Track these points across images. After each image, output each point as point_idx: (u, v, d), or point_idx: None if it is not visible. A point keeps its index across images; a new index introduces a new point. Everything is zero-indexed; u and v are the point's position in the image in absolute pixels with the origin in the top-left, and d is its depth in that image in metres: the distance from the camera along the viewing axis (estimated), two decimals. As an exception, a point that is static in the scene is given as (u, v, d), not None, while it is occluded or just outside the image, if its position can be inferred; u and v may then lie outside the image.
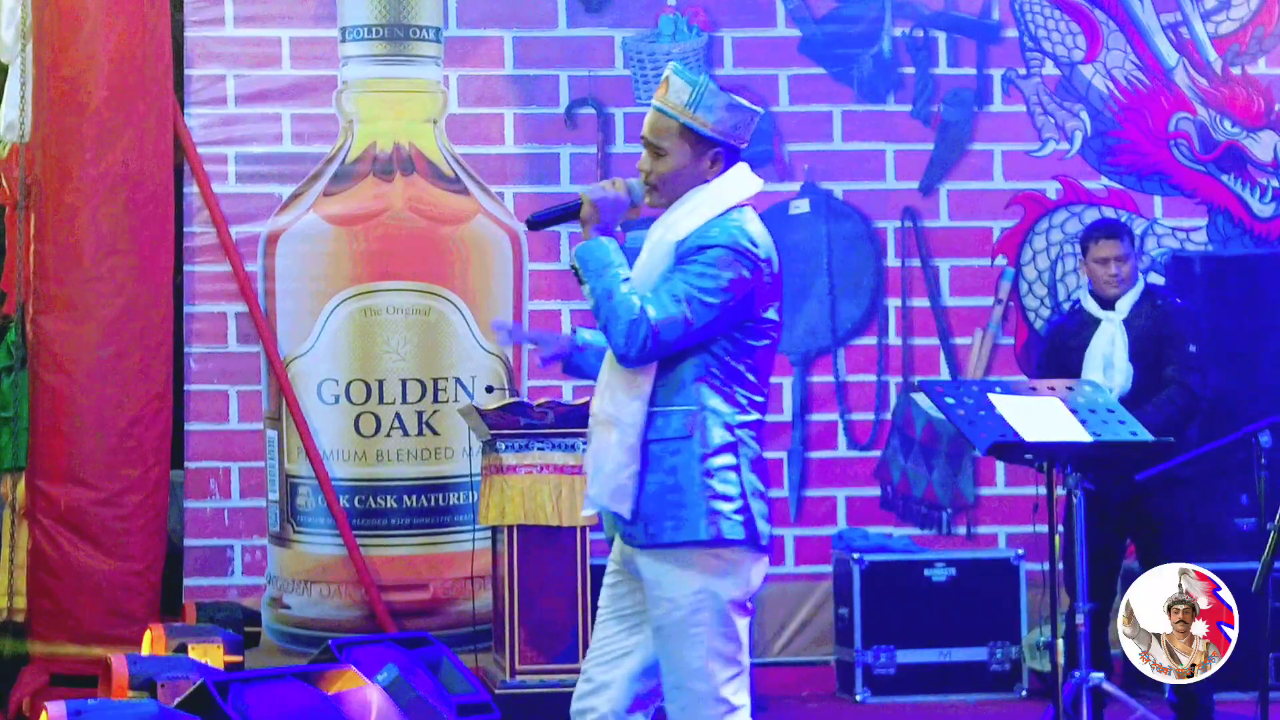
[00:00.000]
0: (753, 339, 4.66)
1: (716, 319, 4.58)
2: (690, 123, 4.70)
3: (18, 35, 8.33)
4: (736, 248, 4.60)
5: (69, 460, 8.24)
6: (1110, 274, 7.40)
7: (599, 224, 4.69)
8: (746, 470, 4.64)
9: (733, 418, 4.63)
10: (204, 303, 8.71)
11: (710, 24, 9.01)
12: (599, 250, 4.65)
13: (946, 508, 9.00)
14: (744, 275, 4.60)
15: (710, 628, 4.60)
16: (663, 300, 4.56)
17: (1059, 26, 9.16)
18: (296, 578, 8.66)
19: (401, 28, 8.73)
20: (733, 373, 4.64)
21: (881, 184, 9.08)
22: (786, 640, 8.89)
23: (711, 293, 4.56)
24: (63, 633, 8.19)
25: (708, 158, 4.71)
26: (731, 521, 4.59)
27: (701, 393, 4.61)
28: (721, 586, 4.60)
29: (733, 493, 4.61)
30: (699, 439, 4.60)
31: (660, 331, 4.54)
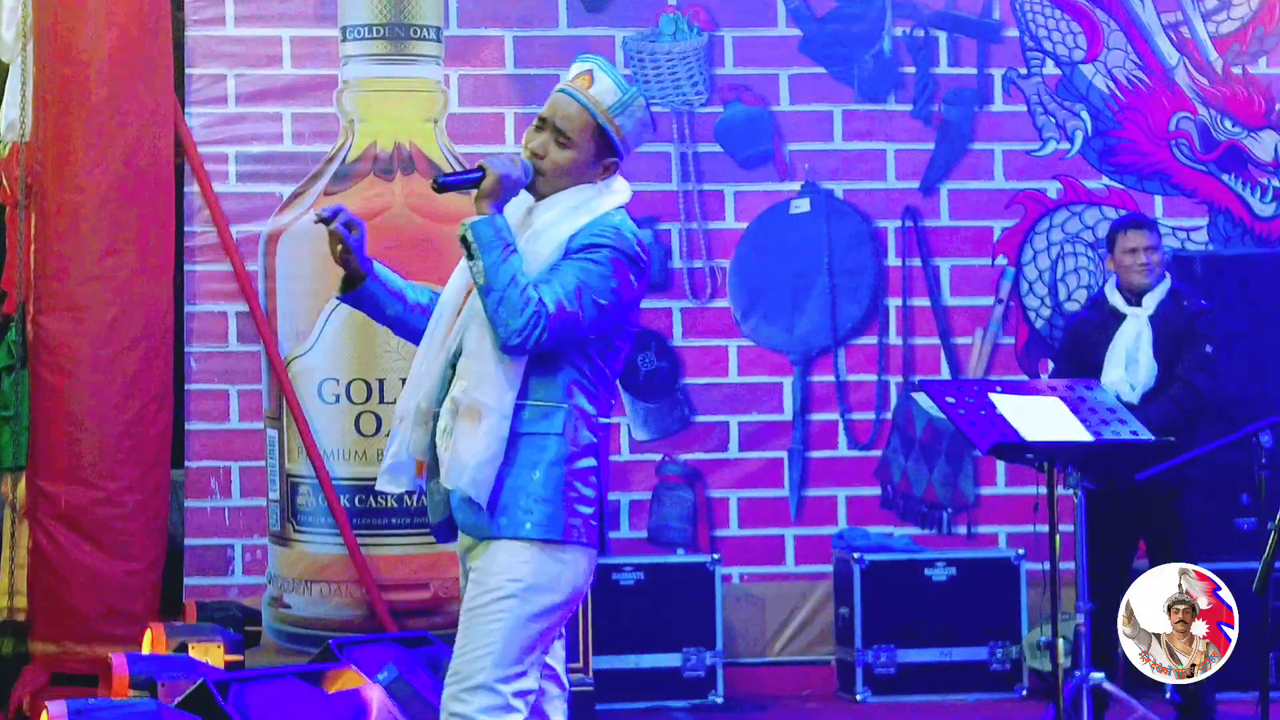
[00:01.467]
0: (619, 341, 4.59)
1: (602, 320, 4.49)
2: (608, 126, 4.60)
3: (18, 34, 8.32)
4: (631, 253, 4.52)
5: (70, 459, 8.24)
6: (1140, 263, 7.41)
7: (496, 199, 4.50)
8: (602, 476, 4.59)
9: (596, 419, 4.56)
10: (204, 302, 8.71)
11: (711, 23, 9.01)
12: (498, 228, 4.46)
13: (947, 507, 9.00)
14: (632, 281, 4.53)
15: (514, 618, 4.45)
16: (557, 292, 4.43)
17: (1060, 26, 9.16)
18: (297, 577, 8.66)
19: (402, 27, 8.73)
20: (598, 373, 4.56)
21: (882, 184, 9.07)
22: (787, 640, 8.89)
23: (604, 293, 4.48)
24: (63, 632, 8.18)
25: (604, 164, 4.63)
26: (588, 527, 4.53)
27: (572, 391, 4.52)
28: (542, 583, 4.47)
29: (592, 496, 4.55)
30: (569, 437, 4.51)
31: (553, 324, 4.41)
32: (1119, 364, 7.37)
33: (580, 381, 4.53)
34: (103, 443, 8.24)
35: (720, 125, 9.00)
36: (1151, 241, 7.45)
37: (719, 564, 8.59)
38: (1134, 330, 7.41)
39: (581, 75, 4.66)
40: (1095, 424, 6.63)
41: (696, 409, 8.93)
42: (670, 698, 8.46)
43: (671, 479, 8.90)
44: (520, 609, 4.46)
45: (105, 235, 8.29)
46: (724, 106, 9.01)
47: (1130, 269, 7.45)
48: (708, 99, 9.00)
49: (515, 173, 4.53)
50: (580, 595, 4.58)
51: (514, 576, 4.47)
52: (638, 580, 8.50)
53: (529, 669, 4.49)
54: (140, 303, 8.33)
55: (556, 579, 4.50)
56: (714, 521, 8.90)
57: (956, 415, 6.66)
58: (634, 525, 8.87)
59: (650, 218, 8.93)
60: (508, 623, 4.45)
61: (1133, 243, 7.45)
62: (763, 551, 8.90)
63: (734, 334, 8.97)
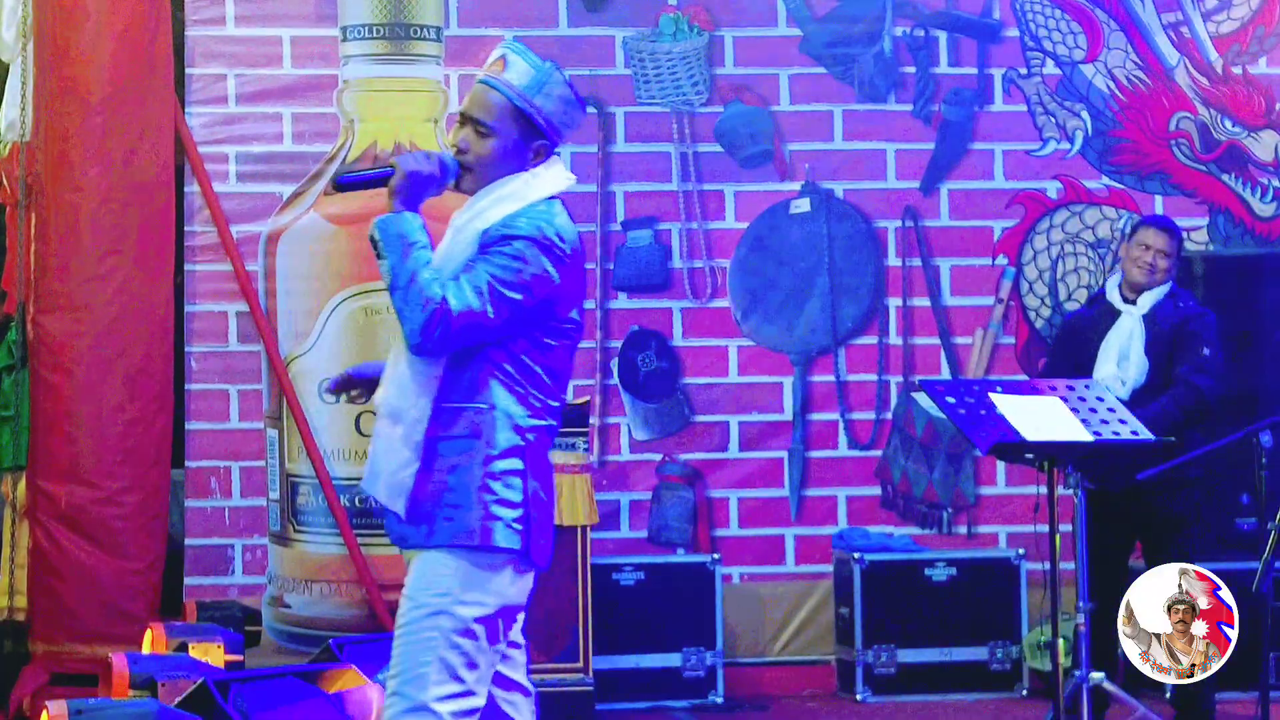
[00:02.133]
0: (551, 338, 4.43)
1: (516, 314, 4.34)
2: (527, 107, 4.46)
3: (19, 34, 8.32)
4: (543, 241, 4.37)
5: (70, 459, 8.23)
6: (1146, 262, 7.42)
7: (406, 197, 4.37)
8: (531, 478, 4.40)
9: (523, 420, 4.40)
10: (205, 302, 8.71)
11: (711, 23, 9.01)
12: (403, 225, 4.34)
13: (947, 507, 9.00)
14: (547, 271, 4.36)
15: (444, 634, 4.31)
16: (463, 290, 4.29)
17: (1060, 26, 9.16)
18: (297, 577, 8.66)
19: (402, 27, 8.73)
20: (528, 372, 4.40)
21: (882, 183, 9.07)
22: (787, 640, 8.89)
23: (513, 287, 4.32)
24: (63, 632, 8.18)
25: (533, 148, 4.50)
26: (510, 530, 4.36)
27: (493, 391, 4.38)
28: (470, 596, 4.33)
29: (515, 499, 4.37)
30: (485, 440, 4.36)
31: (456, 323, 4.27)
32: (1110, 360, 7.39)
33: (504, 381, 4.39)
34: (103, 442, 8.24)
35: (720, 125, 9.00)
36: (1167, 247, 7.47)
37: (719, 564, 8.59)
38: (1127, 327, 7.43)
39: (495, 62, 4.51)
40: (1095, 424, 6.63)
41: (697, 409, 8.93)
42: (670, 698, 8.46)
43: (672, 479, 8.90)
44: (449, 624, 4.32)
45: (105, 235, 8.28)
46: (724, 106, 9.01)
47: (1136, 262, 7.48)
48: (708, 99, 9.00)
49: (427, 168, 4.41)
50: (514, 600, 4.42)
51: (439, 590, 4.34)
52: (638, 580, 8.50)
53: (472, 685, 4.36)
54: (140, 302, 8.32)
55: (481, 587, 4.35)
56: (714, 521, 8.90)
57: (957, 415, 6.66)
58: (634, 525, 8.87)
59: (650, 218, 8.94)
60: (439, 641, 4.32)
61: (1148, 240, 7.48)
62: (763, 551, 8.90)
63: (734, 334, 8.97)
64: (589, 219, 8.88)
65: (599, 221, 8.91)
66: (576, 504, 7.96)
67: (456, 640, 4.33)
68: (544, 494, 4.46)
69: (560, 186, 4.54)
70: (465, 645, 4.34)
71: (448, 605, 4.34)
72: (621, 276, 8.93)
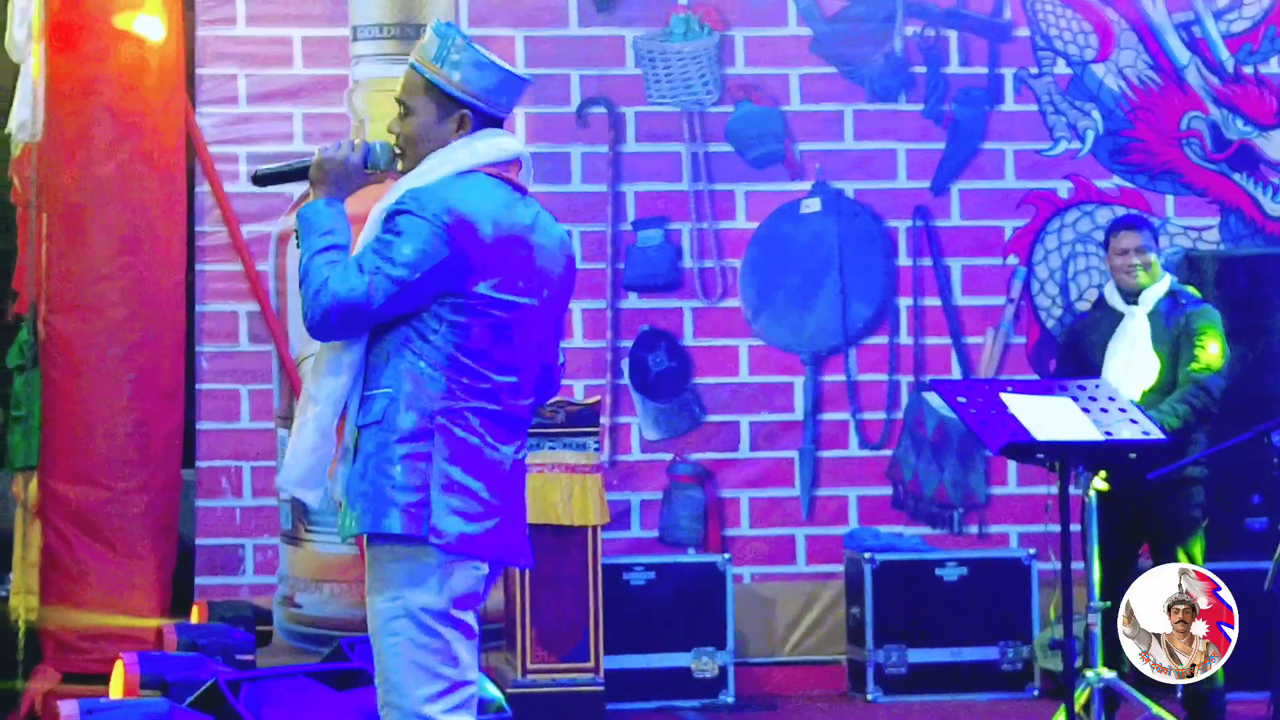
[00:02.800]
0: (463, 315, 4.23)
1: (404, 293, 4.18)
2: (435, 78, 4.32)
3: (29, 34, 8.32)
4: (425, 215, 4.19)
5: (80, 459, 8.24)
6: (1130, 264, 7.43)
7: (327, 186, 4.32)
8: (442, 462, 4.21)
9: (433, 403, 4.21)
10: (215, 302, 8.72)
11: (721, 23, 9.00)
12: (316, 214, 4.29)
13: (958, 507, 9.00)
14: (431, 245, 4.17)
15: (407, 637, 4.23)
16: (348, 272, 4.18)
17: (1071, 25, 9.15)
18: (308, 577, 8.66)
19: (413, 27, 8.72)
20: (441, 352, 4.23)
21: (893, 183, 9.07)
22: (798, 639, 8.88)
23: (396, 264, 4.17)
24: (74, 631, 8.19)
25: (454, 119, 4.33)
26: (405, 515, 4.20)
27: (401, 373, 4.22)
28: (416, 594, 4.23)
29: (414, 483, 4.20)
30: (388, 424, 4.21)
31: (336, 306, 4.17)
32: (1119, 362, 7.37)
33: (410, 364, 4.23)
34: (113, 442, 8.24)
35: (731, 125, 9.00)
36: (1141, 243, 7.45)
37: (730, 564, 8.58)
38: (1132, 328, 7.42)
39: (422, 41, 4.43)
40: (1106, 423, 6.62)
41: (707, 409, 8.92)
42: (680, 698, 8.45)
43: (682, 479, 8.89)
44: (409, 626, 4.25)
45: (116, 235, 8.29)
46: (735, 106, 9.00)
47: (1119, 269, 7.49)
48: (718, 98, 9.00)
49: (342, 156, 4.32)
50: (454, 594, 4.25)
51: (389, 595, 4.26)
52: (648, 580, 8.50)
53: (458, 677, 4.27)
54: (151, 302, 8.33)
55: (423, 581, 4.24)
56: (725, 521, 8.89)
57: (968, 415, 6.66)
58: (645, 525, 8.87)
59: (661, 217, 8.94)
60: (404, 645, 4.25)
61: (1124, 243, 7.48)
62: (774, 551, 8.89)
63: (745, 333, 8.96)
64: (599, 219, 8.88)
65: (609, 221, 8.91)
66: (587, 504, 7.95)
67: (423, 640, 4.26)
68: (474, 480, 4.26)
69: (485, 158, 4.33)
70: (433, 643, 4.26)
71: (400, 610, 4.27)
72: (632, 276, 8.92)
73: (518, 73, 4.43)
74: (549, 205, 4.65)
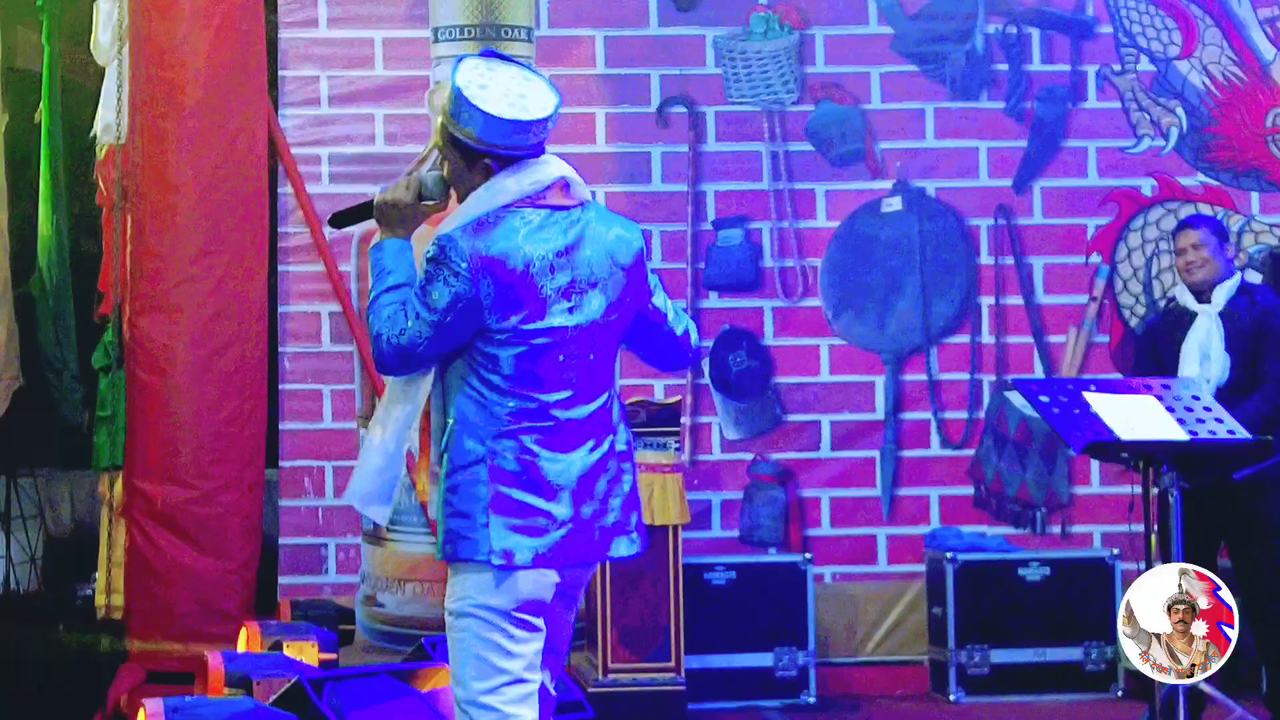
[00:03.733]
0: (498, 348, 4.47)
1: (439, 335, 4.46)
2: (455, 134, 4.56)
3: (114, 38, 8.39)
4: (442, 259, 4.45)
5: (165, 459, 8.29)
6: (1187, 261, 7.40)
7: (389, 224, 4.59)
8: (497, 485, 4.46)
9: (486, 429, 4.47)
10: (298, 302, 8.77)
11: (802, 22, 8.99)
12: (380, 253, 4.57)
13: (1041, 507, 8.95)
14: (455, 287, 4.43)
15: (471, 634, 4.51)
16: (397, 316, 4.49)
17: (1154, 22, 9.09)
18: (390, 576, 8.70)
19: (493, 28, 8.75)
20: (489, 384, 4.48)
21: (975, 181, 9.03)
22: (880, 639, 8.86)
23: (430, 309, 4.46)
24: (159, 630, 8.25)
25: (478, 170, 4.55)
26: (467, 542, 4.49)
27: (460, 403, 4.50)
28: (481, 596, 4.50)
29: (470, 508, 4.48)
30: (450, 453, 4.51)
31: (388, 349, 4.49)
32: (1192, 361, 7.32)
33: (465, 392, 4.50)
34: (198, 442, 8.29)
35: (811, 123, 8.98)
36: (1199, 240, 7.40)
37: (811, 563, 8.57)
38: (1205, 327, 7.36)
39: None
40: (1191, 423, 6.58)
41: (788, 408, 8.91)
42: (762, 698, 8.45)
43: (763, 478, 8.88)
44: (474, 624, 4.52)
45: (200, 236, 8.34)
46: (815, 105, 8.99)
47: (1182, 270, 7.46)
48: (799, 97, 8.98)
49: (395, 196, 4.57)
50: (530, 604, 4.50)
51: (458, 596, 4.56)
52: (729, 580, 8.50)
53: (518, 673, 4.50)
54: (235, 303, 8.38)
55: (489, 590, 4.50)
56: (806, 521, 8.88)
57: (1050, 414, 6.62)
58: (726, 525, 8.86)
59: (741, 217, 8.93)
60: (469, 640, 4.52)
61: (1180, 243, 7.46)
62: (855, 551, 8.87)
63: (825, 333, 8.95)
64: (679, 219, 8.88)
65: (689, 221, 8.91)
66: (668, 503, 7.95)
67: (483, 636, 4.50)
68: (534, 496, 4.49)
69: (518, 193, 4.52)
70: (491, 638, 4.50)
71: (467, 608, 4.53)
72: (712, 276, 8.92)
73: (530, 117, 4.53)
74: (629, 205, 4.74)
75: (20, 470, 9.84)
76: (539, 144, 4.57)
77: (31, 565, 9.96)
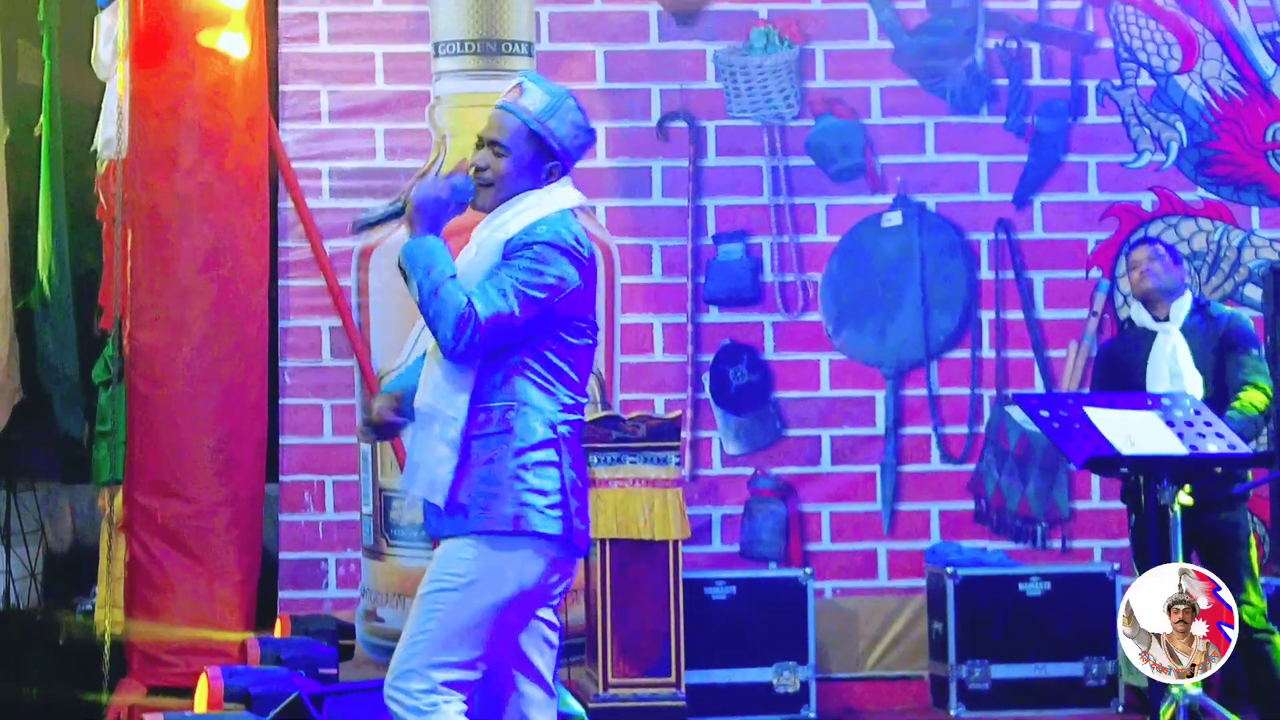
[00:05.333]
0: (575, 337, 4.70)
1: (541, 314, 4.62)
2: (540, 130, 4.76)
3: (115, 53, 8.40)
4: (561, 245, 4.65)
5: (165, 473, 8.30)
6: (1141, 271, 7.33)
7: (424, 224, 4.71)
8: (568, 467, 4.66)
9: (555, 414, 4.67)
10: (298, 317, 8.77)
11: (802, 37, 8.99)
12: (424, 249, 4.67)
13: (1041, 521, 8.95)
14: (569, 272, 4.65)
15: (451, 607, 4.57)
16: (489, 294, 4.58)
17: (1154, 37, 9.09)
18: (390, 590, 8.69)
19: (493, 43, 8.75)
20: (556, 370, 4.68)
21: (975, 196, 9.03)
22: (880, 654, 8.85)
23: (537, 287, 4.61)
24: (159, 645, 8.24)
25: (548, 168, 4.78)
26: (544, 515, 4.60)
27: (523, 388, 4.65)
28: (490, 583, 4.58)
29: (549, 487, 4.62)
30: (517, 433, 4.62)
31: (486, 325, 4.57)
32: (1163, 379, 7.26)
33: (533, 379, 4.65)
34: (198, 456, 8.30)
35: (812, 138, 8.99)
36: (1153, 253, 7.35)
37: (811, 578, 8.56)
38: (1170, 345, 7.30)
39: (513, 89, 4.83)
40: (1191, 437, 6.57)
41: (788, 422, 8.91)
42: (762, 713, 8.44)
43: (763, 493, 8.88)
44: (458, 599, 4.57)
45: (200, 250, 8.35)
46: (815, 119, 8.99)
47: (1134, 283, 7.39)
48: (799, 112, 8.99)
49: (434, 193, 4.71)
50: (536, 585, 4.63)
51: (456, 571, 4.60)
52: (729, 595, 8.49)
53: (471, 659, 4.58)
54: (235, 317, 8.38)
55: (501, 573, 4.59)
56: (806, 535, 8.87)
57: (1051, 429, 6.62)
58: (726, 539, 8.86)
59: (742, 231, 8.93)
60: (445, 611, 4.58)
61: (1135, 257, 7.40)
62: (855, 566, 8.87)
63: (826, 347, 8.94)
64: (680, 233, 8.89)
65: (690, 235, 8.91)
66: (668, 518, 7.95)
67: (461, 615, 4.57)
68: (580, 483, 4.70)
69: (573, 202, 4.80)
70: (469, 620, 4.57)
71: (460, 585, 4.58)
72: (713, 290, 8.92)
73: (592, 135, 4.89)
74: (629, 220, 4.91)
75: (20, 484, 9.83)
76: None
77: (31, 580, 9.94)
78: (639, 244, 8.86)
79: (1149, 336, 7.35)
